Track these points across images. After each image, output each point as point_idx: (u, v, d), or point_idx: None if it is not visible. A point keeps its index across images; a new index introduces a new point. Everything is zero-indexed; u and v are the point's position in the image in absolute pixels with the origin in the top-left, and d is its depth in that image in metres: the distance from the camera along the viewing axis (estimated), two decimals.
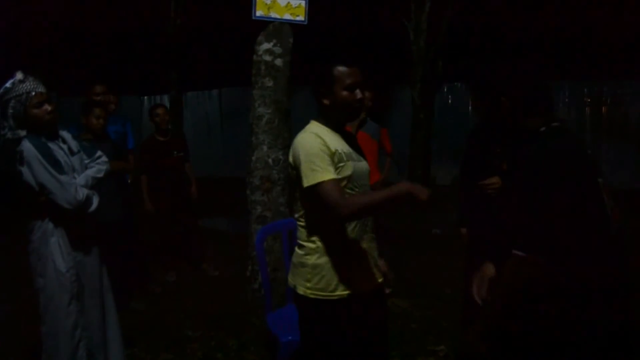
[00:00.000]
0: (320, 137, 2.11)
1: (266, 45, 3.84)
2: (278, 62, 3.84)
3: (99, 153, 2.92)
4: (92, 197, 2.68)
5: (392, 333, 3.72)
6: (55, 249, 2.62)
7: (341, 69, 2.13)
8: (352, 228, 2.17)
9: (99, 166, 2.86)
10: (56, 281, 2.62)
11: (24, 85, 2.56)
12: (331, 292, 2.14)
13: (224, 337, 3.77)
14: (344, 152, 2.14)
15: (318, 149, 2.07)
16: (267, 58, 3.84)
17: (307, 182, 2.05)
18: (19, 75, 2.57)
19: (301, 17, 3.86)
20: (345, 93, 2.13)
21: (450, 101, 10.92)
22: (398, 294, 4.40)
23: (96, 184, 2.78)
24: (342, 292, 2.15)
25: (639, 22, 10.18)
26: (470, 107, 10.78)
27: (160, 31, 10.17)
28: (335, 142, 2.15)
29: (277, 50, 3.84)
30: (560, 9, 10.97)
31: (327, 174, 2.03)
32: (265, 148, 3.83)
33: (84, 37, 13.04)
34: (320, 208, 2.06)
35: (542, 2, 10.98)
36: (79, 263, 2.70)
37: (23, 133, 2.55)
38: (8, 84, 2.56)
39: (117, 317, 2.96)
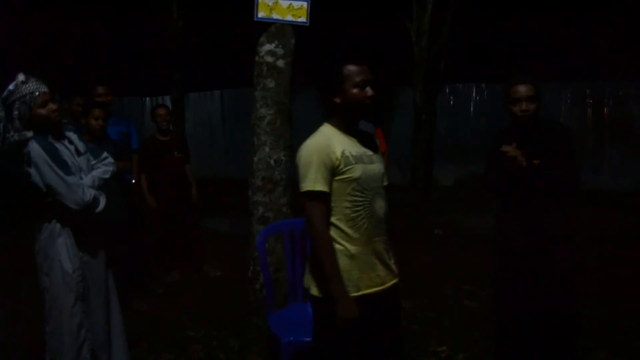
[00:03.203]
0: (326, 142, 2.15)
1: (268, 47, 3.85)
2: (280, 63, 3.85)
3: (105, 154, 2.94)
4: (99, 198, 2.69)
5: None
6: (62, 249, 2.64)
7: (351, 67, 2.16)
8: (364, 228, 2.18)
9: (105, 167, 2.87)
10: (62, 281, 2.64)
11: (27, 86, 2.57)
12: None
13: (225, 337, 3.78)
14: (352, 155, 2.17)
15: (316, 157, 2.12)
16: (269, 59, 3.84)
17: (300, 188, 2.14)
18: (21, 77, 2.59)
19: (303, 19, 3.87)
20: (355, 90, 2.16)
21: (452, 102, 10.93)
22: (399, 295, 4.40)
23: (102, 185, 2.80)
24: (351, 293, 2.16)
25: None
26: (471, 108, 10.81)
27: (162, 32, 10.17)
28: (344, 145, 2.18)
29: (279, 51, 3.85)
30: (562, 10, 10.96)
31: (318, 185, 2.11)
32: (267, 149, 3.83)
33: (86, 39, 13.06)
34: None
35: (543, 3, 10.97)
36: (85, 264, 2.72)
37: (30, 134, 2.57)
38: (11, 86, 2.57)
39: (121, 318, 2.98)
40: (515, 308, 2.91)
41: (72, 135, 2.81)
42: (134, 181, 4.86)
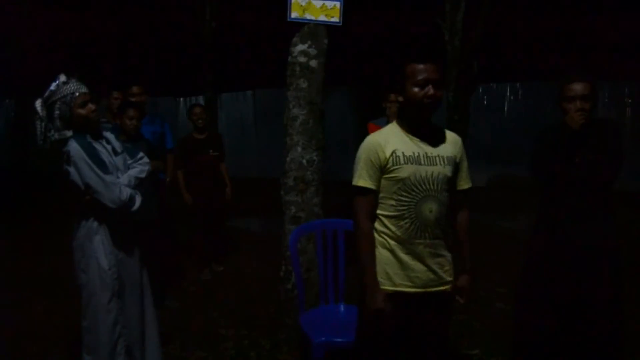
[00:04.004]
0: (379, 141, 2.20)
1: (301, 47, 3.85)
2: (313, 63, 3.85)
3: (140, 154, 2.99)
4: (135, 197, 2.74)
5: None
6: (98, 247, 2.69)
7: (413, 65, 2.16)
8: (406, 228, 2.19)
9: (141, 166, 2.92)
10: (98, 278, 2.69)
11: (68, 86, 2.64)
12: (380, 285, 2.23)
13: (256, 336, 3.80)
14: (405, 155, 2.17)
15: (366, 155, 2.20)
16: (302, 59, 3.85)
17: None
18: (63, 78, 2.65)
19: (336, 19, 3.86)
20: (416, 89, 2.15)
21: (485, 102, 10.78)
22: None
23: (138, 184, 2.85)
24: (385, 287, 2.22)
25: None
26: (505, 108, 10.64)
27: (195, 34, 10.30)
28: (400, 144, 2.19)
29: (312, 51, 3.84)
30: (599, 8, 10.72)
31: (362, 181, 2.19)
32: (299, 149, 3.84)
33: (120, 39, 13.30)
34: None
35: (580, 1, 10.74)
36: (121, 261, 2.77)
37: (69, 133, 2.63)
38: (52, 87, 2.64)
39: (155, 315, 3.02)
40: (546, 313, 2.85)
41: (110, 135, 2.87)
42: (168, 179, 4.94)
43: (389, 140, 2.20)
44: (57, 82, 2.64)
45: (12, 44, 11.36)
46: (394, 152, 2.17)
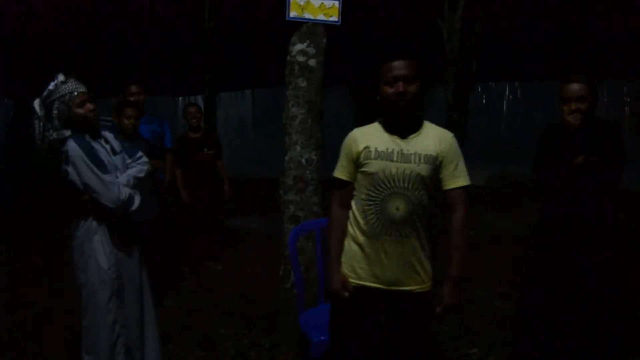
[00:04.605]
0: (356, 136, 2.27)
1: (300, 46, 3.86)
2: (311, 62, 3.85)
3: (140, 153, 2.99)
4: (134, 197, 2.74)
5: None
6: (98, 246, 2.69)
7: (385, 64, 2.17)
8: (372, 223, 2.21)
9: (140, 166, 2.92)
10: (98, 277, 2.69)
11: (66, 86, 2.63)
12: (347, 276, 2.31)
13: (256, 335, 3.80)
14: (378, 151, 2.19)
15: (344, 148, 2.30)
16: (301, 58, 3.85)
17: None
18: (61, 77, 2.65)
19: (335, 18, 3.86)
20: (385, 87, 2.16)
21: (484, 101, 10.79)
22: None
23: (137, 184, 2.85)
24: (351, 279, 2.29)
25: None
26: (503, 107, 10.64)
27: (194, 33, 10.29)
28: (375, 140, 2.22)
29: (311, 50, 3.85)
30: (597, 6, 10.72)
31: (337, 172, 2.32)
32: (298, 148, 3.84)
33: (118, 39, 13.28)
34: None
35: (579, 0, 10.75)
36: (120, 261, 2.77)
37: (68, 133, 2.63)
38: (51, 86, 2.63)
39: (154, 315, 3.02)
40: (548, 304, 2.87)
41: (108, 135, 2.87)
42: (168, 178, 4.94)
43: (367, 135, 2.24)
44: (56, 81, 2.64)
45: (11, 43, 11.35)
46: (366, 147, 2.20)
